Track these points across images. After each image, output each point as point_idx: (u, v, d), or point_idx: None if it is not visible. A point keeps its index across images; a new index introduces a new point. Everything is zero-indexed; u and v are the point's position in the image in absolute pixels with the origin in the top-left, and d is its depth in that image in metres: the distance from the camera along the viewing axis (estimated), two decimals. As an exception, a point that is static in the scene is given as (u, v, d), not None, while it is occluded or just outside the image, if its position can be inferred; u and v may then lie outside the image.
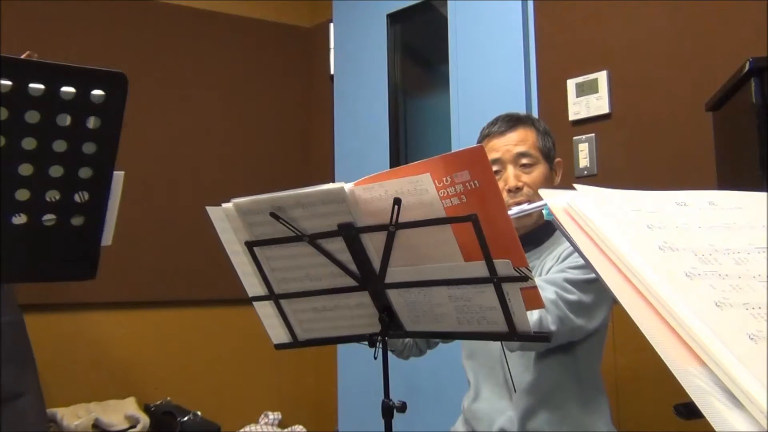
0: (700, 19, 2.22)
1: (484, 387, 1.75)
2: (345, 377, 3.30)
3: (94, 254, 0.97)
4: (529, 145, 1.73)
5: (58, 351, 2.99)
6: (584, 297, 1.55)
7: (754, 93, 1.49)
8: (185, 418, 2.98)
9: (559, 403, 1.66)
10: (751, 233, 0.83)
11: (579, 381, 1.67)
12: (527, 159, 1.71)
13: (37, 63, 0.84)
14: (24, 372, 1.83)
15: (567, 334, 1.56)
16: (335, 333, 1.29)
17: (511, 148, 1.72)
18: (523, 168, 1.71)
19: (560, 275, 1.57)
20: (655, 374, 2.08)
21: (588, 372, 1.70)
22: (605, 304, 1.64)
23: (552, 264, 1.65)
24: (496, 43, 2.78)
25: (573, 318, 1.54)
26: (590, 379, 1.70)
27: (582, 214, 0.83)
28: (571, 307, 1.53)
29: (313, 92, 3.74)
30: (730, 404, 0.62)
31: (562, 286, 1.54)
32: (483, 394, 1.74)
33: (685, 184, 0.97)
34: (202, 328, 3.36)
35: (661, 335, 0.69)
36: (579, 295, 1.54)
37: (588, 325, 1.59)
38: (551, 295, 1.51)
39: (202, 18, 3.47)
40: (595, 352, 1.72)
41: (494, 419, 1.69)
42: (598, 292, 1.59)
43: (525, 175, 1.71)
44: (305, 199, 1.11)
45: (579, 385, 1.67)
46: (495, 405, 1.70)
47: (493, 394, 1.72)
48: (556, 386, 1.66)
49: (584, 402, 1.67)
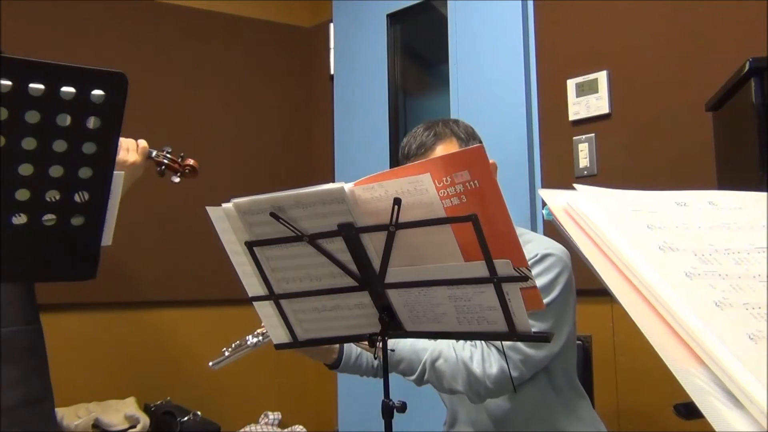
0: (700, 19, 2.22)
1: (460, 411, 1.73)
2: (345, 377, 3.29)
3: (94, 254, 0.97)
4: None
5: (58, 351, 2.97)
6: (543, 326, 1.53)
7: (754, 93, 1.49)
8: (185, 418, 2.98)
9: (544, 418, 1.64)
10: (751, 233, 0.83)
11: (558, 391, 1.66)
12: None
13: (37, 63, 0.84)
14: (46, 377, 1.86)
15: (532, 369, 1.56)
16: (335, 333, 1.29)
17: None
18: None
19: None
20: (655, 374, 2.08)
21: (565, 380, 1.68)
22: (566, 321, 1.61)
23: None
24: (496, 43, 2.78)
25: (534, 355, 1.53)
26: (568, 386, 1.69)
27: (582, 214, 0.83)
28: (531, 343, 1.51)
29: (313, 92, 3.74)
30: (730, 404, 0.62)
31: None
32: (461, 419, 1.73)
33: (685, 184, 0.97)
34: (202, 328, 3.36)
35: (661, 335, 0.69)
36: (538, 326, 1.49)
37: (552, 350, 1.58)
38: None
39: (202, 18, 3.47)
40: (567, 360, 1.70)
41: None
42: (557, 314, 1.56)
43: None
44: (305, 199, 1.11)
45: (559, 396, 1.66)
46: (475, 429, 1.69)
47: (470, 418, 1.70)
48: (538, 404, 1.64)
49: (567, 411, 1.66)
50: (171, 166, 2.19)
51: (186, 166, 2.22)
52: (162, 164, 2.18)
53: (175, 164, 2.19)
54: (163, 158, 2.18)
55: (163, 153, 2.18)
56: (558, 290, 1.56)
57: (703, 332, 0.66)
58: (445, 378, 1.54)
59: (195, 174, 2.25)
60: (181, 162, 2.21)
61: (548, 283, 1.56)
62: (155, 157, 2.15)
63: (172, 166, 2.19)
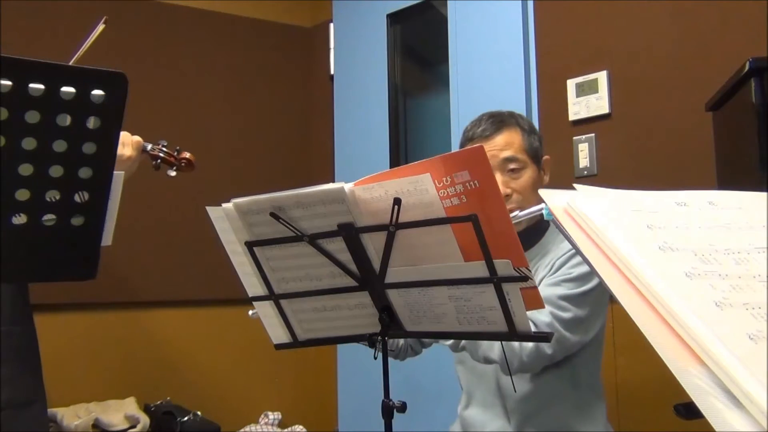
0: (700, 19, 2.22)
1: (476, 393, 1.74)
2: (345, 377, 3.30)
3: (94, 254, 0.97)
4: (516, 149, 1.66)
5: (58, 351, 2.98)
6: (579, 312, 1.54)
7: (754, 93, 1.49)
8: (185, 418, 2.98)
9: (556, 412, 1.65)
10: (751, 233, 0.83)
11: (577, 388, 1.66)
12: (515, 164, 1.65)
13: (37, 63, 0.84)
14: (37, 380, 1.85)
15: (564, 352, 1.57)
16: (335, 333, 1.29)
17: (497, 154, 1.64)
18: (510, 173, 1.64)
19: (554, 291, 1.55)
20: (655, 374, 2.08)
21: (587, 378, 1.69)
22: (601, 314, 1.63)
23: (544, 274, 1.62)
24: (496, 43, 2.78)
25: (569, 336, 1.54)
26: (588, 385, 1.69)
27: (582, 214, 0.83)
28: (567, 325, 1.53)
29: (313, 92, 3.74)
30: (730, 404, 0.62)
31: (557, 304, 1.53)
32: (475, 401, 1.74)
33: (685, 184, 0.97)
34: (203, 328, 3.36)
35: (661, 335, 0.69)
36: (574, 311, 1.53)
37: (584, 338, 1.59)
38: (546, 317, 1.51)
39: (202, 18, 3.47)
40: (593, 359, 1.71)
41: (486, 426, 1.68)
42: (593, 304, 1.57)
43: (513, 181, 1.64)
44: (305, 199, 1.11)
45: (577, 392, 1.66)
46: (488, 412, 1.69)
47: (485, 401, 1.70)
48: (554, 396, 1.65)
49: (580, 408, 1.66)
50: (167, 159, 2.17)
51: (182, 159, 2.20)
52: (158, 158, 2.16)
53: (171, 158, 2.18)
54: (159, 152, 2.16)
55: (158, 147, 2.16)
56: (597, 280, 1.56)
57: (703, 332, 0.66)
58: (481, 347, 1.54)
59: (191, 168, 2.23)
60: (177, 155, 2.19)
61: (588, 272, 1.54)
62: (150, 151, 2.13)
63: (168, 159, 2.17)
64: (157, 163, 2.17)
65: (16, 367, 1.77)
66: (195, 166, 2.23)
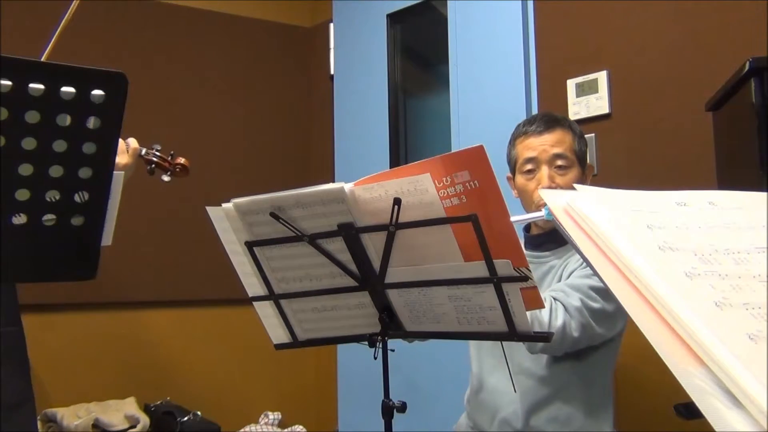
0: (700, 19, 2.22)
1: (489, 378, 1.74)
2: (345, 377, 3.30)
3: (94, 254, 0.97)
4: (566, 148, 1.72)
5: (58, 351, 2.99)
6: (607, 306, 1.55)
7: (754, 93, 1.49)
8: (185, 418, 2.98)
9: (566, 404, 1.65)
10: (751, 233, 0.83)
11: (589, 386, 1.67)
12: (563, 161, 1.70)
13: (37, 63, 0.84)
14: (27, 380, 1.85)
15: (587, 340, 1.58)
16: (335, 333, 1.29)
17: (548, 149, 1.71)
18: (558, 169, 1.70)
19: (585, 281, 1.57)
20: (655, 374, 2.08)
21: (600, 378, 1.70)
22: (624, 315, 1.64)
23: (575, 267, 1.65)
24: (496, 43, 2.78)
25: (595, 326, 1.55)
26: (600, 385, 1.70)
27: (582, 214, 0.83)
28: (595, 315, 1.54)
29: (313, 92, 3.74)
30: (730, 404, 0.62)
31: (587, 294, 1.54)
32: (488, 386, 1.74)
33: (685, 184, 0.97)
34: (202, 328, 3.37)
35: (661, 335, 0.68)
36: (602, 304, 1.55)
37: (608, 333, 1.61)
38: (576, 302, 1.52)
39: (202, 18, 3.47)
40: (608, 360, 1.72)
41: (498, 410, 1.69)
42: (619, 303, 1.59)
43: (559, 176, 1.69)
44: (305, 199, 1.11)
45: (588, 391, 1.67)
46: (500, 397, 1.70)
47: (499, 385, 1.71)
48: (565, 387, 1.66)
49: (590, 407, 1.67)
50: (161, 164, 2.16)
51: (176, 164, 2.18)
52: (151, 162, 2.15)
53: (165, 162, 2.16)
54: (153, 156, 2.14)
55: (152, 151, 2.14)
56: None
57: (703, 332, 0.66)
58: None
59: (186, 173, 2.21)
60: (171, 160, 2.17)
61: None
62: (144, 155, 2.12)
63: (162, 164, 2.16)
64: (151, 167, 2.16)
65: (5, 368, 1.77)
66: (189, 171, 2.22)
